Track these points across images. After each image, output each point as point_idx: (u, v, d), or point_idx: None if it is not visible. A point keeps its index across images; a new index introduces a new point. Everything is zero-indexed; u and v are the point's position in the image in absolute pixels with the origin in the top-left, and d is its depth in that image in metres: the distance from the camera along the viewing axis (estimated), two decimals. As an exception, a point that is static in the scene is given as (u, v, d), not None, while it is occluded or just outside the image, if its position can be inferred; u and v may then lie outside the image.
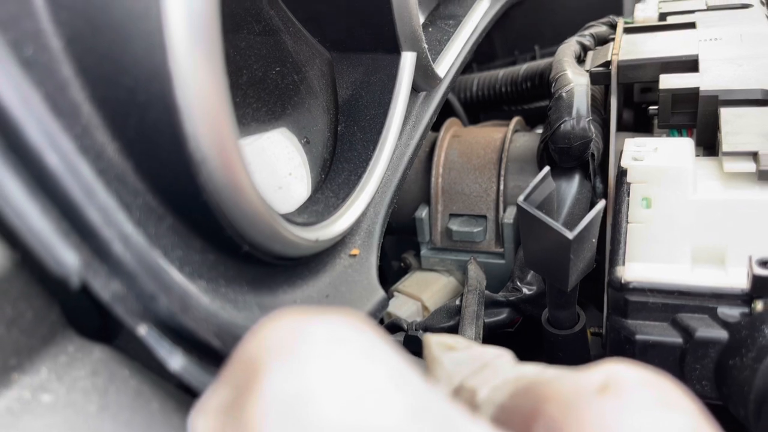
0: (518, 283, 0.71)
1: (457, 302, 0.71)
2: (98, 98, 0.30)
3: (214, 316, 0.33)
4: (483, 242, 0.80)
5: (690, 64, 0.68)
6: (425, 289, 0.81)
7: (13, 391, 0.31)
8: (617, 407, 0.23)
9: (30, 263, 0.32)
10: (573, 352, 0.63)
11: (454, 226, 0.81)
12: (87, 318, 0.39)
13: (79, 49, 0.29)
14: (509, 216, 0.78)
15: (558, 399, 0.24)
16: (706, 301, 0.48)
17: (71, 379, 0.32)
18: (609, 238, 0.59)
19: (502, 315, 0.70)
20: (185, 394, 0.33)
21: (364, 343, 0.22)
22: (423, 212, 0.82)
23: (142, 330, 0.29)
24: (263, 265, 0.41)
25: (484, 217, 0.81)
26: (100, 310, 0.40)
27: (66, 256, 0.25)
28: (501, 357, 0.32)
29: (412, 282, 0.84)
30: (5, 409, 0.31)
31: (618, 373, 0.24)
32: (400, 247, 0.96)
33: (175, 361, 0.29)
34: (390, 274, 0.97)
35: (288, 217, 0.42)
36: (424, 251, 0.85)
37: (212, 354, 0.32)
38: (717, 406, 0.49)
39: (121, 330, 0.43)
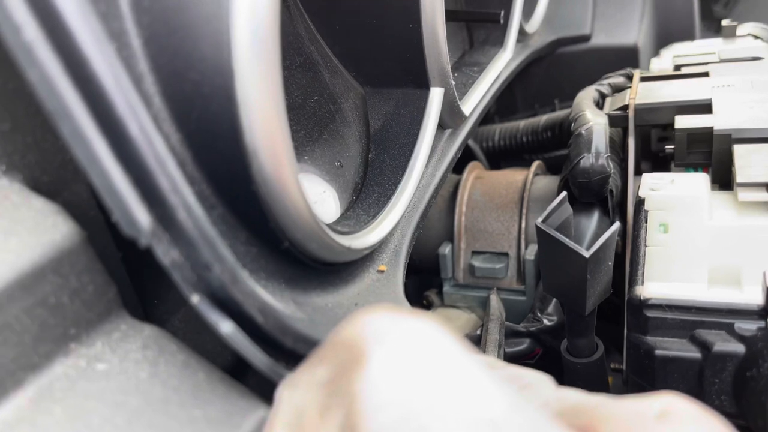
0: (539, 314, 0.72)
1: (478, 332, 0.72)
2: (167, 93, 0.34)
3: (259, 295, 0.35)
4: (505, 279, 0.82)
5: (704, 108, 0.72)
6: (447, 326, 0.83)
7: (70, 359, 0.34)
8: None
9: (96, 241, 0.35)
10: (592, 381, 0.64)
11: (477, 262, 0.83)
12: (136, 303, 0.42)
13: (155, 48, 0.33)
14: (530, 253, 0.80)
15: (617, 420, 0.26)
16: (723, 316, 0.50)
17: (124, 351, 0.35)
18: (628, 265, 0.61)
19: (523, 345, 0.72)
20: (226, 374, 0.36)
21: (451, 339, 0.25)
22: (446, 249, 0.85)
23: (195, 298, 0.32)
24: (299, 265, 0.44)
25: (506, 254, 0.83)
26: (143, 300, 0.43)
27: (140, 217, 0.28)
28: (541, 381, 0.33)
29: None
30: (63, 375, 0.33)
31: (675, 405, 0.26)
32: (422, 288, 0.98)
33: (226, 326, 0.31)
34: (412, 313, 0.98)
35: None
36: (446, 288, 0.87)
37: (254, 330, 0.35)
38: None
39: (166, 322, 0.46)
